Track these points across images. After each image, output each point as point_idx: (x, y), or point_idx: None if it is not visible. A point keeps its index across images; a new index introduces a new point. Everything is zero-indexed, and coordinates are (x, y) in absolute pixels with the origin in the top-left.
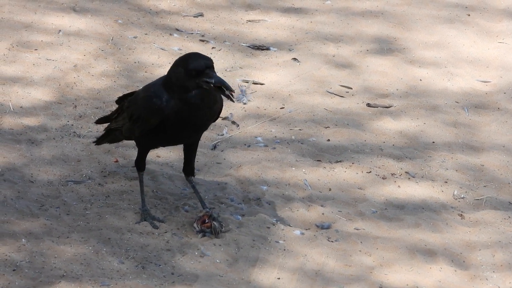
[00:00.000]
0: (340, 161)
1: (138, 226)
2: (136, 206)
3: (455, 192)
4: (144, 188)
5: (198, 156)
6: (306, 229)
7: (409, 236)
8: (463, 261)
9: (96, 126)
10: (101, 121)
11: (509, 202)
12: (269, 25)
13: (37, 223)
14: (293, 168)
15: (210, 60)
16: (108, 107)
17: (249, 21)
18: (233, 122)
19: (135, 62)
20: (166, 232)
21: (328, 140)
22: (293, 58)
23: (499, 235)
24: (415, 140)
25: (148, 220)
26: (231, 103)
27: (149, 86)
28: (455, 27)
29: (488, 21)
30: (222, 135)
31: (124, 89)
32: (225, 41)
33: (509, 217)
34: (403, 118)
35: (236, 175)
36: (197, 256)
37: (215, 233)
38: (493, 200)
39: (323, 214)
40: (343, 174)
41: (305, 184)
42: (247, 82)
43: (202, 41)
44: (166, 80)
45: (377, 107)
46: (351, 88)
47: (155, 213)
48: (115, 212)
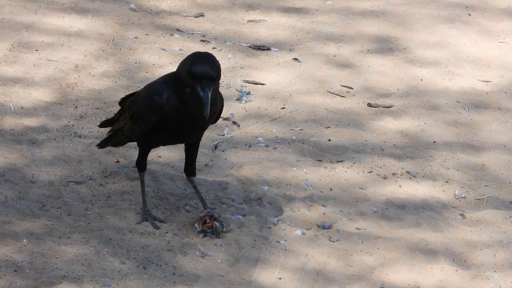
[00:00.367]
0: (341, 161)
1: (139, 227)
2: (137, 207)
3: (456, 192)
4: (145, 189)
5: (199, 156)
6: (307, 229)
7: (410, 236)
8: (464, 261)
9: (97, 127)
10: (105, 125)
11: (510, 202)
12: (270, 25)
13: (38, 224)
14: (294, 168)
15: (214, 73)
16: (109, 108)
17: (250, 21)
18: (234, 122)
19: (136, 63)
20: (167, 233)
21: (329, 140)
22: (294, 58)
23: (500, 235)
24: (416, 140)
25: (149, 221)
26: (232, 104)
27: (150, 85)
28: (456, 27)
29: (489, 21)
30: (223, 135)
31: (125, 90)
32: (226, 41)
33: (510, 217)
34: (404, 118)
35: (237, 175)
36: (198, 256)
37: (216, 233)
38: (494, 200)
39: (324, 214)
40: (344, 174)
41: (306, 184)
42: (248, 82)
43: (203, 42)
44: (173, 76)
45: (378, 107)
46: (352, 88)
47: (156, 214)
48: (116, 213)
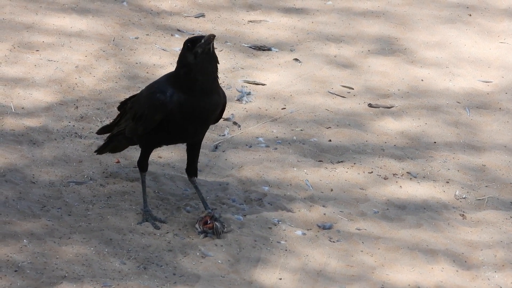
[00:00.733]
0: (342, 162)
1: (140, 227)
2: (138, 207)
3: (457, 192)
4: (146, 189)
5: (200, 157)
6: (308, 230)
7: (411, 236)
8: (465, 261)
9: (97, 127)
10: (103, 131)
11: (511, 202)
12: (271, 26)
13: (39, 224)
14: (295, 169)
15: (207, 36)
16: (110, 108)
17: (251, 22)
18: (235, 123)
19: (137, 63)
20: (168, 233)
21: (330, 141)
22: (295, 59)
23: (501, 235)
24: (417, 140)
25: (150, 221)
26: (232, 104)
27: (153, 84)
28: (457, 27)
29: (490, 21)
30: (224, 136)
31: (126, 90)
32: (227, 42)
33: (511, 217)
34: (405, 118)
35: (238, 176)
36: (199, 257)
37: (217, 234)
38: (495, 200)
39: (325, 215)
40: (345, 175)
41: (307, 185)
42: (248, 83)
43: None
44: (174, 75)
45: (379, 108)
46: (353, 89)
47: (157, 214)
48: (117, 213)
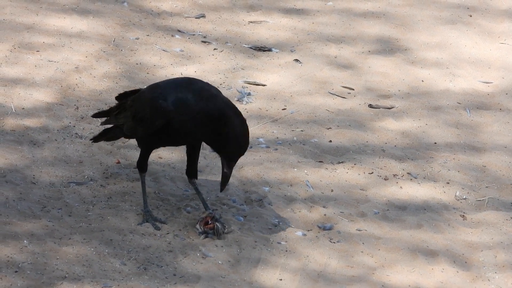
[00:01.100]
0: (342, 162)
1: (140, 228)
2: (138, 208)
3: (457, 193)
4: (146, 190)
5: (200, 158)
6: (308, 230)
7: (411, 237)
8: (465, 262)
9: (98, 128)
10: (99, 115)
11: (511, 203)
12: (271, 26)
13: (39, 225)
14: (295, 169)
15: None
16: None
17: (251, 22)
18: None
19: (137, 64)
20: (168, 233)
21: (330, 141)
22: (295, 59)
23: (501, 236)
24: (417, 141)
25: (150, 222)
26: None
27: (156, 88)
28: (457, 28)
29: (490, 22)
30: None
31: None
32: (227, 42)
33: (511, 218)
34: (405, 119)
35: (238, 176)
36: (199, 257)
37: (218, 235)
38: (495, 201)
39: (325, 215)
40: (345, 175)
41: (307, 185)
42: (249, 83)
43: (204, 42)
44: (182, 81)
45: (379, 108)
46: (353, 89)
47: (157, 215)
48: (117, 214)
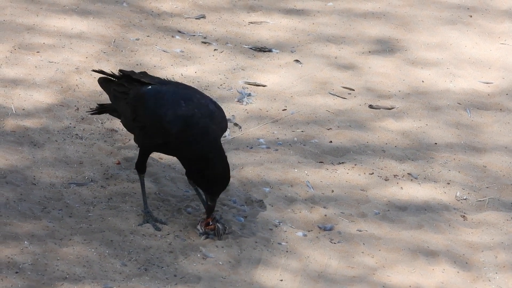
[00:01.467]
0: (343, 163)
1: (141, 228)
2: (139, 208)
3: (458, 194)
4: (147, 190)
5: None
6: (309, 231)
7: (412, 238)
8: (466, 262)
9: (98, 128)
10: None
11: None
12: (271, 27)
13: (40, 226)
14: (296, 170)
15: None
16: None
17: (251, 23)
18: (235, 124)
19: (137, 64)
20: (169, 234)
21: (331, 142)
22: (295, 60)
23: (502, 236)
24: (418, 142)
25: (151, 222)
26: (233, 105)
27: (160, 98)
28: (457, 28)
29: (490, 22)
30: (224, 137)
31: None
32: (227, 43)
33: None
34: (405, 120)
35: (239, 177)
36: (200, 258)
37: (218, 235)
38: (496, 201)
39: (326, 216)
40: (346, 176)
41: (308, 186)
42: (249, 84)
43: (204, 43)
44: (183, 96)
45: (379, 109)
46: (353, 90)
47: (158, 215)
48: (118, 214)
